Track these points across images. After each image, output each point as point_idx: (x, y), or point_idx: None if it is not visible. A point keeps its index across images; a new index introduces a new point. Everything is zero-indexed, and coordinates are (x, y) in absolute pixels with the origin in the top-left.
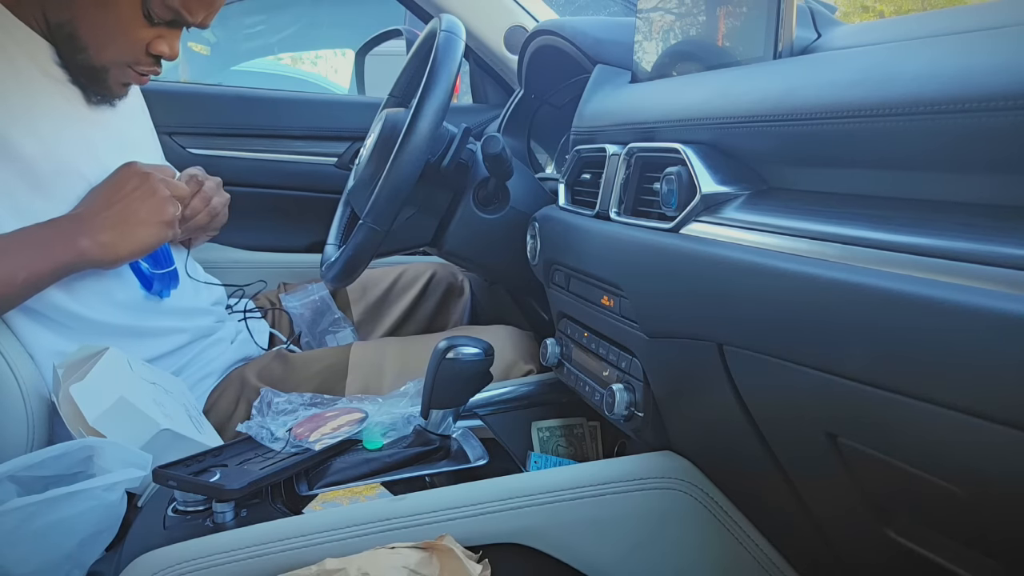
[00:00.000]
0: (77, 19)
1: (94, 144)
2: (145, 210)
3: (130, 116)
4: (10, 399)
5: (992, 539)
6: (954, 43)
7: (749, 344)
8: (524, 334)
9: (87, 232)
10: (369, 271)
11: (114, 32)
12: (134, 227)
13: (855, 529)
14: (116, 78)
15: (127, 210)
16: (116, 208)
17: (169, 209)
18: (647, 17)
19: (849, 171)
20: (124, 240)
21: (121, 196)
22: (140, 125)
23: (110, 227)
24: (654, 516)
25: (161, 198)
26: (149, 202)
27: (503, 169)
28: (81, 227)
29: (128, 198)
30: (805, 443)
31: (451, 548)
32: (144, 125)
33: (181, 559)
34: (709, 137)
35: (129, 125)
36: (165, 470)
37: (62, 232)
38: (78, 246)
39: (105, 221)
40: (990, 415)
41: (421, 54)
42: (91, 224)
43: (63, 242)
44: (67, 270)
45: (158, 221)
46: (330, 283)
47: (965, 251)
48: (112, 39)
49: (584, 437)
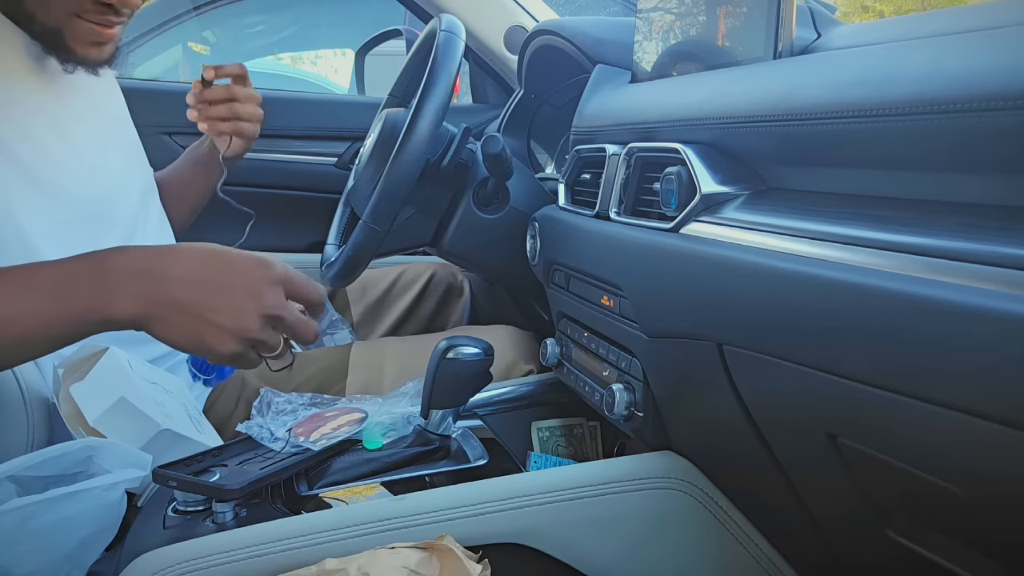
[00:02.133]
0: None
1: (63, 124)
2: (221, 315)
3: (103, 100)
4: (10, 399)
5: (992, 539)
6: (954, 43)
7: (749, 344)
8: (524, 334)
9: (130, 293)
10: (369, 271)
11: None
12: (190, 319)
13: (855, 529)
14: (74, 35)
15: (204, 293)
16: (194, 282)
17: (232, 345)
18: (647, 17)
19: (849, 171)
20: (168, 325)
21: (215, 274)
22: (115, 106)
23: (163, 300)
24: (654, 516)
25: (244, 331)
26: (233, 315)
27: (503, 169)
28: (126, 284)
29: (220, 283)
30: (805, 443)
31: (451, 548)
32: (119, 107)
33: (181, 559)
34: (709, 137)
35: (97, 107)
36: (165, 470)
37: (97, 281)
38: (108, 306)
39: (163, 289)
40: (990, 415)
41: (421, 54)
42: (142, 285)
43: (92, 295)
44: (86, 333)
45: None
46: (330, 283)
47: (965, 251)
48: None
49: (584, 437)
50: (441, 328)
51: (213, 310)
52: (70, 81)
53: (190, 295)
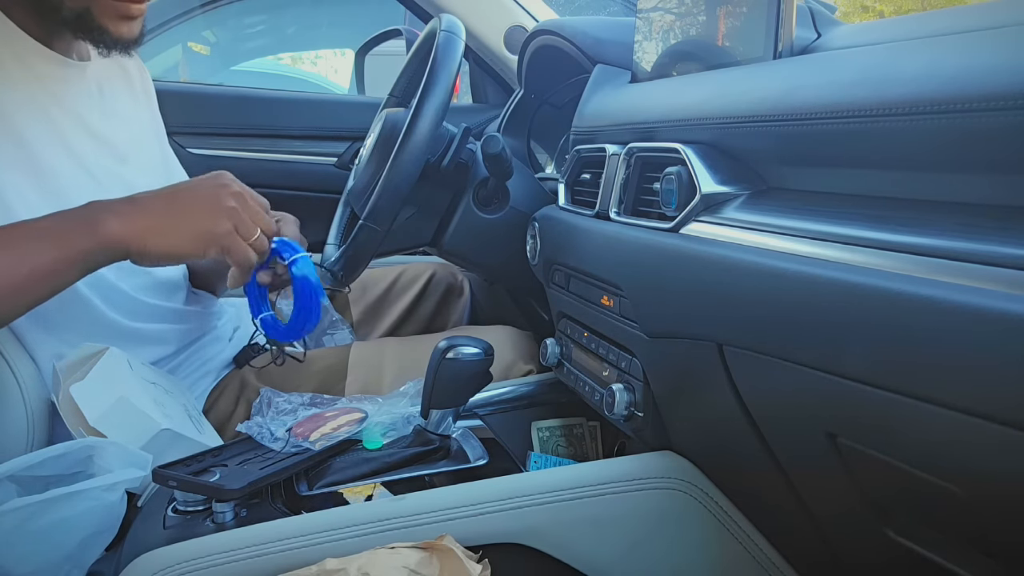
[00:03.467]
0: None
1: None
2: (200, 203)
3: (130, 113)
4: (10, 399)
5: (992, 539)
6: (954, 43)
7: (749, 344)
8: (524, 334)
9: (120, 213)
10: (369, 271)
11: None
12: (179, 219)
13: (855, 529)
14: (104, 13)
15: (180, 198)
16: (169, 194)
17: (223, 222)
18: (647, 17)
19: (849, 171)
20: (162, 232)
21: (183, 187)
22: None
23: (151, 212)
24: (654, 516)
25: (224, 205)
26: (208, 202)
27: (503, 169)
28: (115, 208)
29: (189, 187)
30: (805, 443)
31: (451, 548)
32: (142, 121)
33: (181, 559)
34: (709, 137)
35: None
36: (165, 470)
37: (88, 213)
38: (103, 228)
39: (147, 204)
40: (990, 415)
41: (421, 54)
42: (129, 205)
43: (85, 225)
44: (86, 259)
45: (206, 227)
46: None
47: (965, 251)
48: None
49: (584, 437)
50: (441, 328)
51: (194, 204)
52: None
53: (172, 203)
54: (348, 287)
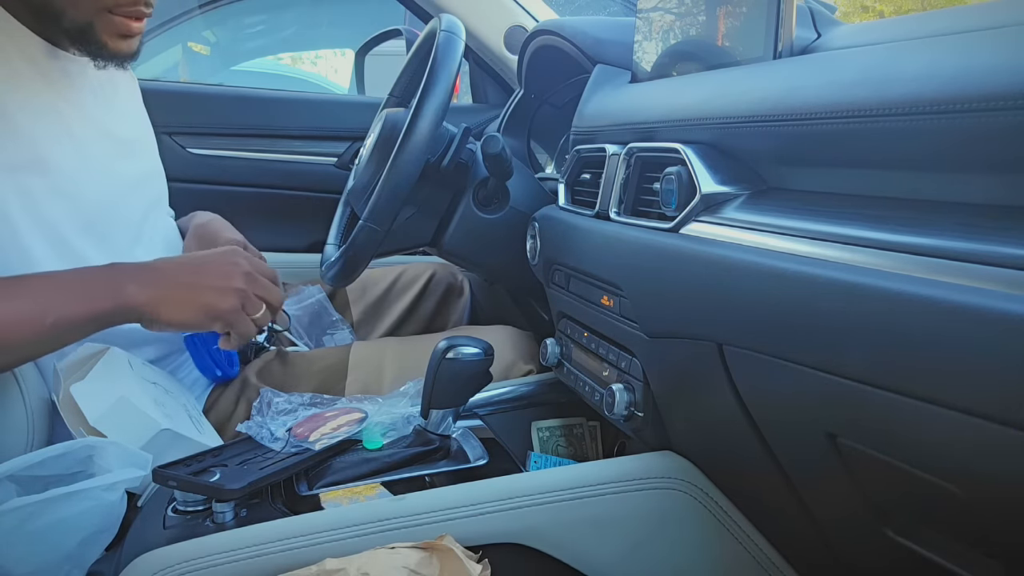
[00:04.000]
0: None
1: (70, 126)
2: (212, 280)
3: (119, 105)
4: (10, 399)
5: (992, 539)
6: (954, 43)
7: (749, 344)
8: (524, 334)
9: (140, 280)
10: (369, 271)
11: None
12: (191, 293)
13: (855, 529)
14: (105, 29)
15: (195, 272)
16: (185, 267)
17: (231, 299)
18: (647, 17)
19: (849, 171)
20: (174, 304)
21: (199, 259)
22: (132, 112)
23: (167, 283)
24: (654, 516)
25: (234, 286)
26: (220, 280)
27: (503, 169)
28: (135, 275)
29: (204, 262)
30: (805, 443)
31: (451, 548)
32: (136, 113)
33: (181, 559)
34: (709, 137)
35: (112, 111)
36: (165, 470)
37: (111, 276)
38: (123, 293)
39: (164, 275)
40: (990, 415)
41: (421, 54)
42: (148, 274)
43: (107, 286)
44: (103, 319)
45: (215, 304)
46: (330, 283)
47: (965, 251)
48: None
49: (584, 437)
50: (441, 328)
51: (206, 280)
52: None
53: (187, 276)
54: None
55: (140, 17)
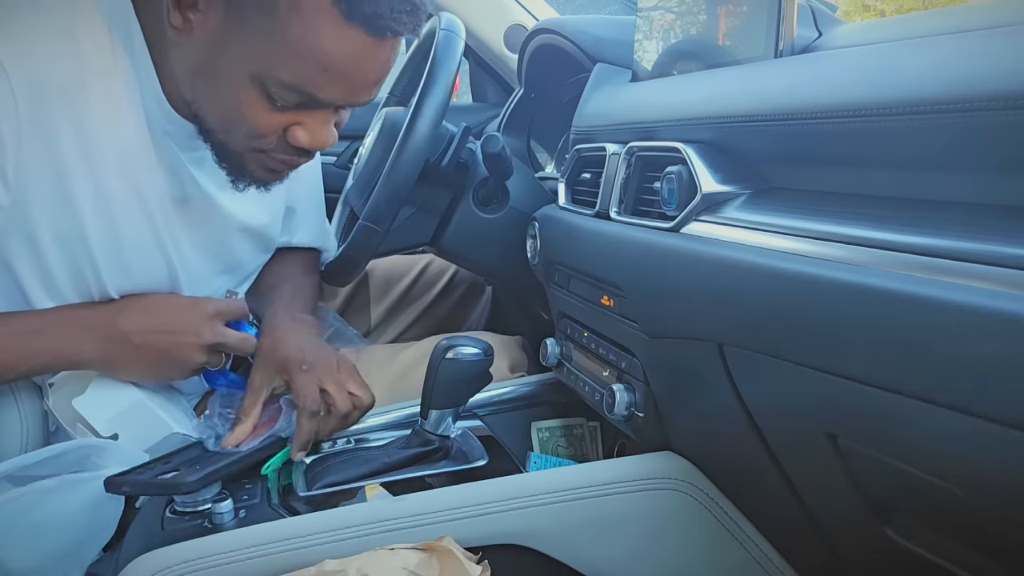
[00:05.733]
0: (198, 100)
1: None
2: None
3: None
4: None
5: (992, 539)
6: (955, 42)
7: (749, 344)
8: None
9: (96, 338)
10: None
11: (235, 118)
12: (150, 360)
13: (855, 530)
14: (256, 164)
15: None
16: (150, 336)
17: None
18: (647, 16)
19: (850, 170)
20: (130, 366)
21: (162, 322)
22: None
23: (128, 349)
24: (654, 517)
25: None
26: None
27: (503, 168)
28: (94, 329)
29: (168, 334)
30: (805, 443)
31: (451, 549)
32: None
33: (180, 559)
34: (710, 136)
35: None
36: (117, 477)
37: (69, 328)
38: (78, 349)
39: (125, 334)
40: (990, 415)
41: (420, 53)
42: (107, 330)
43: (62, 337)
44: (60, 367)
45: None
46: (329, 283)
47: (966, 251)
48: (235, 125)
49: (584, 437)
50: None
51: (162, 351)
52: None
53: (142, 341)
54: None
55: (296, 164)
